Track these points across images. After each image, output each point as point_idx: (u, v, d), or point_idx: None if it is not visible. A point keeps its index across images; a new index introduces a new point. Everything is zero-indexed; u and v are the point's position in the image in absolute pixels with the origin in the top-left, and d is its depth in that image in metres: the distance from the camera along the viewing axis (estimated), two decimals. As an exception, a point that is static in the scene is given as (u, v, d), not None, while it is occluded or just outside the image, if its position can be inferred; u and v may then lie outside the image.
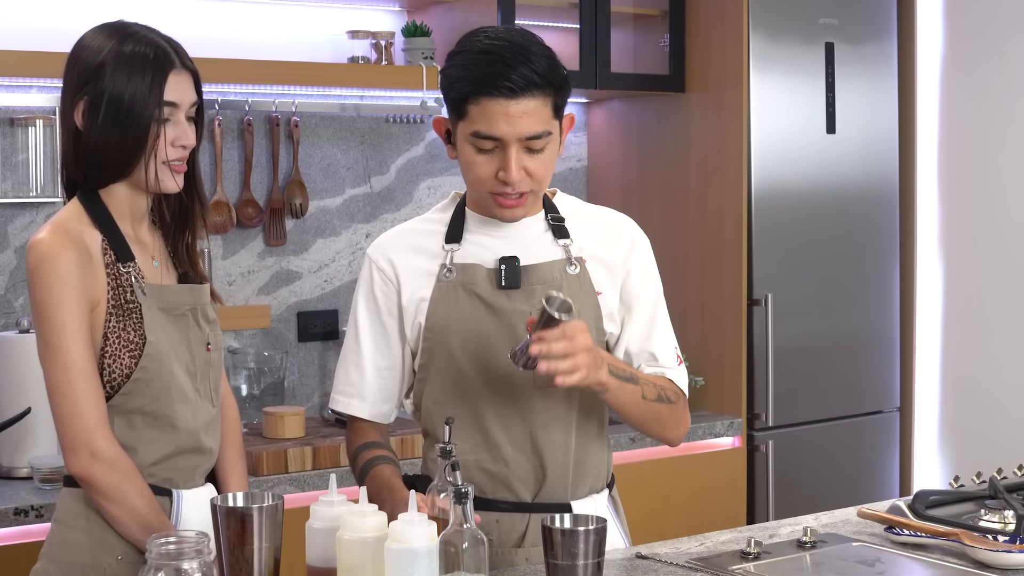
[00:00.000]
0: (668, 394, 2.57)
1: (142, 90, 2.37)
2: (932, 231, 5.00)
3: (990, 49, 4.80)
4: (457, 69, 2.44)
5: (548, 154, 2.47)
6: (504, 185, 2.45)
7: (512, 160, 2.42)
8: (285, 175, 4.34)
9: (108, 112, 2.38)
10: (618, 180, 4.87)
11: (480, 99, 2.40)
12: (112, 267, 2.41)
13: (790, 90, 4.63)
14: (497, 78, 2.38)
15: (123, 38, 2.40)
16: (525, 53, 2.41)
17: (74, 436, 2.34)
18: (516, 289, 2.52)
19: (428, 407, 2.60)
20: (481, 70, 2.40)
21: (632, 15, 4.78)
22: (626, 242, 2.63)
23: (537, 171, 2.46)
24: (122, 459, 2.36)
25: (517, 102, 2.39)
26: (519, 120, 2.40)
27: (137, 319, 2.40)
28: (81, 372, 2.34)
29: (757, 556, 2.50)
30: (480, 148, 2.44)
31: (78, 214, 2.43)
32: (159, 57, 2.39)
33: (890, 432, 4.96)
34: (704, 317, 4.62)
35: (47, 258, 2.34)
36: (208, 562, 1.93)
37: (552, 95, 2.44)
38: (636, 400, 2.48)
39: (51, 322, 2.34)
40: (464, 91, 2.42)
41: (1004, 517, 2.70)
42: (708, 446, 4.50)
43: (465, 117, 2.43)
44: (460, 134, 2.46)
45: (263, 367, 4.24)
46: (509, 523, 2.56)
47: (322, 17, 4.43)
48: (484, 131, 2.41)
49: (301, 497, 3.60)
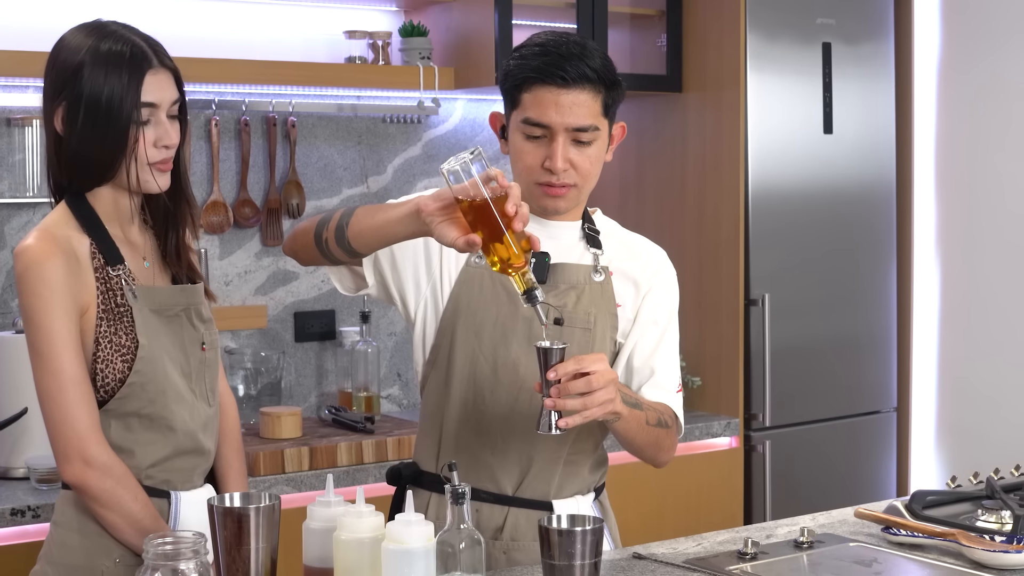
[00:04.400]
0: (666, 418, 2.59)
1: (119, 90, 2.34)
2: (929, 231, 5.00)
3: (987, 50, 4.80)
4: (515, 61, 2.54)
5: (595, 151, 2.53)
6: (550, 174, 2.50)
7: (559, 149, 2.48)
8: (282, 175, 4.34)
9: (87, 115, 2.35)
10: (615, 180, 4.87)
11: (533, 87, 2.49)
12: (101, 271, 2.39)
13: (787, 90, 4.63)
14: (552, 67, 2.47)
15: (100, 37, 2.38)
16: (581, 50, 2.50)
17: (66, 443, 2.33)
18: (541, 284, 2.53)
19: (432, 390, 2.62)
20: (537, 60, 2.49)
21: (629, 15, 4.78)
22: (654, 266, 2.68)
23: (582, 165, 2.52)
24: (115, 465, 2.36)
25: (568, 92, 2.47)
26: (569, 110, 2.47)
27: (129, 323, 2.39)
28: (71, 379, 2.33)
29: (754, 556, 2.51)
30: (529, 135, 2.50)
31: (65, 219, 2.41)
32: (136, 56, 2.36)
33: (887, 432, 4.96)
34: (701, 317, 4.62)
35: (34, 265, 2.33)
36: (205, 562, 1.93)
37: (603, 92, 2.51)
38: (640, 426, 2.49)
39: (40, 329, 2.33)
40: (519, 79, 2.51)
41: (1001, 517, 2.70)
42: (705, 446, 4.50)
43: (518, 105, 2.52)
44: (512, 124, 2.53)
45: (260, 367, 4.24)
46: (488, 514, 2.58)
47: (319, 17, 4.43)
48: (534, 118, 2.49)
49: (298, 497, 3.60)
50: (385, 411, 4.42)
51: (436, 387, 2.61)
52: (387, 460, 3.82)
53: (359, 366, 4.34)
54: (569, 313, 2.53)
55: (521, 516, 2.57)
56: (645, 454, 2.60)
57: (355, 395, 4.32)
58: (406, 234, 2.35)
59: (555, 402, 2.23)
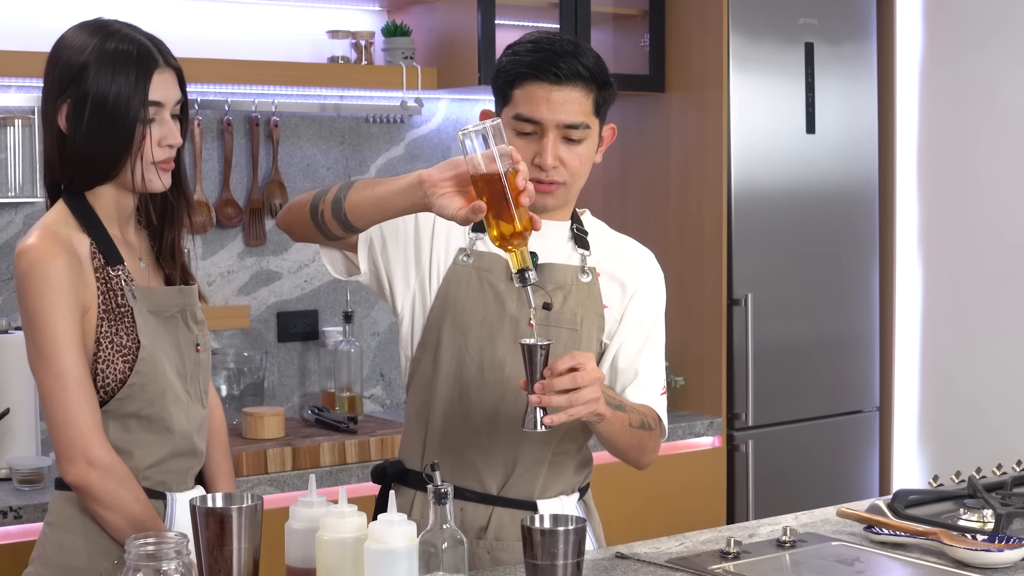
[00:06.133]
0: (649, 421, 2.59)
1: (126, 89, 2.35)
2: (911, 231, 5.01)
3: (969, 49, 4.81)
4: (508, 57, 2.55)
5: (585, 149, 2.54)
6: (539, 171, 2.50)
7: (549, 145, 2.49)
8: (265, 175, 4.33)
9: (93, 113, 2.36)
10: (599, 180, 4.87)
11: (525, 83, 2.50)
12: (102, 271, 2.39)
13: (770, 90, 4.63)
14: (545, 63, 2.49)
15: (105, 36, 2.38)
16: (575, 48, 2.52)
17: (70, 444, 2.32)
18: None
19: (418, 387, 2.62)
20: (531, 56, 2.51)
21: (612, 15, 4.78)
22: (641, 267, 2.69)
23: (572, 163, 2.53)
24: (118, 465, 2.35)
25: (560, 89, 2.49)
26: (560, 107, 2.49)
27: (129, 323, 2.39)
28: (75, 379, 2.32)
29: (737, 556, 2.51)
30: (520, 131, 2.51)
31: (65, 218, 2.40)
32: (143, 55, 2.38)
33: (870, 432, 4.97)
34: (684, 317, 4.62)
35: (38, 264, 2.32)
36: (187, 563, 1.93)
37: (595, 91, 2.53)
38: (624, 428, 2.49)
39: (43, 329, 2.32)
40: (511, 75, 2.52)
41: (983, 516, 2.71)
42: (688, 446, 4.51)
43: (510, 101, 2.53)
44: (503, 120, 2.52)
45: (243, 367, 4.23)
46: (473, 513, 2.58)
47: (302, 17, 4.42)
48: (526, 113, 2.50)
49: (280, 498, 3.59)
50: (368, 411, 4.42)
51: (422, 385, 2.61)
52: (370, 460, 3.82)
53: (342, 366, 4.34)
54: (556, 313, 2.53)
55: (505, 516, 2.58)
56: (628, 456, 2.60)
57: (338, 395, 4.32)
58: (405, 206, 2.34)
59: (540, 399, 2.23)
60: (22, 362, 2.47)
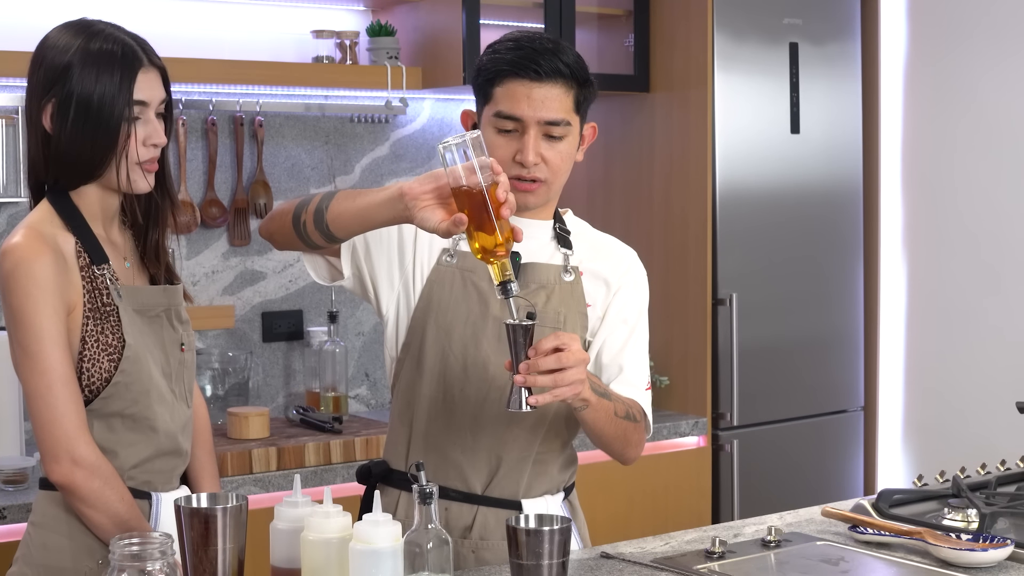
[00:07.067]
0: (634, 412, 2.58)
1: (111, 89, 2.35)
2: (896, 231, 5.02)
3: (953, 49, 4.82)
4: (488, 56, 2.55)
5: (566, 146, 2.54)
6: (520, 167, 2.50)
7: (530, 142, 2.49)
8: (249, 175, 4.33)
9: (77, 113, 2.36)
10: (583, 180, 4.88)
11: (506, 80, 2.50)
12: (87, 270, 2.39)
13: (754, 90, 4.64)
14: (525, 60, 2.49)
15: (89, 36, 2.38)
16: (555, 46, 2.53)
17: (55, 443, 2.32)
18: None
19: (403, 388, 2.62)
20: (511, 54, 2.51)
21: (596, 15, 4.78)
22: (624, 265, 2.69)
23: (553, 160, 2.53)
24: (103, 465, 2.35)
25: (541, 86, 2.49)
26: (541, 104, 2.49)
27: (115, 322, 2.39)
28: (60, 378, 2.32)
29: (722, 555, 2.51)
30: (501, 128, 2.51)
31: (50, 217, 2.40)
32: (127, 55, 2.38)
33: (854, 431, 4.98)
34: (669, 317, 4.63)
35: (23, 263, 2.32)
36: (172, 563, 1.93)
37: (575, 88, 2.53)
38: (609, 416, 2.49)
39: (29, 328, 2.32)
40: (492, 74, 2.52)
41: (967, 516, 2.71)
42: (673, 446, 4.51)
43: (491, 99, 2.53)
44: (484, 119, 2.54)
45: (227, 367, 4.22)
46: (457, 513, 2.58)
47: (286, 17, 4.42)
48: (506, 111, 2.50)
49: (265, 498, 3.59)
50: (353, 411, 4.42)
51: (406, 384, 2.61)
52: (355, 460, 3.82)
53: (327, 366, 4.33)
54: (539, 313, 2.53)
55: (490, 515, 2.57)
56: (613, 448, 2.60)
57: (323, 395, 4.31)
58: (386, 218, 2.34)
59: (525, 378, 2.23)
60: (6, 361, 2.47)
